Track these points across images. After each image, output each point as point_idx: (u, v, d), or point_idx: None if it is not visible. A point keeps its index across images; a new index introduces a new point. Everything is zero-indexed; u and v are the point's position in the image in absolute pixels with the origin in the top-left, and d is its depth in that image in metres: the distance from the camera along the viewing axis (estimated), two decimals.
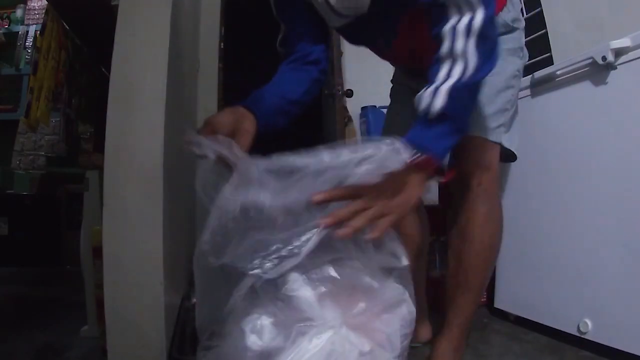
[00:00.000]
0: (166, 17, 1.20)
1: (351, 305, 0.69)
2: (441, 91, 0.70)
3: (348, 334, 0.66)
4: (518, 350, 1.13)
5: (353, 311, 0.69)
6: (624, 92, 1.04)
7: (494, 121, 0.99)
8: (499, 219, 0.99)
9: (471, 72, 0.71)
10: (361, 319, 0.69)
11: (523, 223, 1.33)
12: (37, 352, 1.05)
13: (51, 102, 2.02)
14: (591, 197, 1.11)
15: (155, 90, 1.17)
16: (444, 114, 0.70)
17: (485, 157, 0.98)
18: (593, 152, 1.11)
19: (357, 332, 0.67)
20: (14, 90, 3.21)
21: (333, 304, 0.68)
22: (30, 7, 3.35)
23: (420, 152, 0.68)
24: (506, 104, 1.00)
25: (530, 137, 1.29)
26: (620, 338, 1.01)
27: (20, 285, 2.12)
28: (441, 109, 0.69)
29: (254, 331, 0.67)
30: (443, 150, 0.72)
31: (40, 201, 2.77)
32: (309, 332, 0.65)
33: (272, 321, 0.68)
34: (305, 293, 0.67)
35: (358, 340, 0.66)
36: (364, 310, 0.70)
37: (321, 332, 0.65)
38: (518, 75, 1.03)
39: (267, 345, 0.66)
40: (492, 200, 0.98)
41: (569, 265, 1.16)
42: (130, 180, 1.11)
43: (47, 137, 2.95)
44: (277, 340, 0.66)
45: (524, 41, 1.05)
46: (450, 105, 0.70)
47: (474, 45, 0.72)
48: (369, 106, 3.28)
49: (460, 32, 0.73)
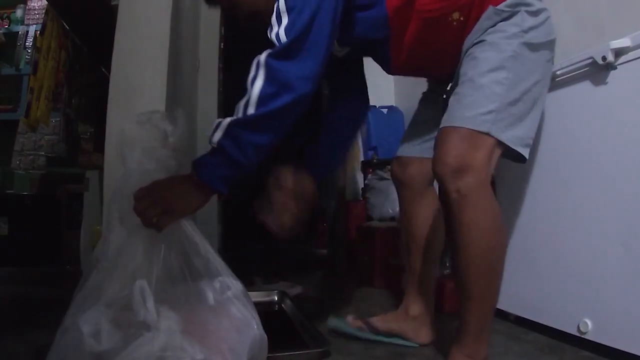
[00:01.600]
0: (166, 17, 1.21)
1: (192, 318, 0.76)
2: (222, 125, 0.81)
3: (182, 342, 0.70)
4: (518, 350, 1.13)
5: (192, 322, 0.76)
6: (624, 92, 1.03)
7: (476, 106, 0.88)
8: (490, 224, 0.88)
9: (251, 110, 0.80)
10: (199, 330, 0.75)
11: (523, 223, 1.33)
12: (37, 352, 1.05)
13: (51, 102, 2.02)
14: (591, 197, 1.11)
15: (155, 90, 1.17)
16: (220, 147, 0.81)
17: (462, 153, 0.86)
18: (593, 152, 1.11)
19: (192, 341, 0.72)
20: (14, 90, 3.21)
21: (171, 313, 0.74)
22: (30, 7, 3.34)
23: (197, 175, 0.82)
24: (495, 86, 0.88)
25: None
26: (620, 338, 1.01)
27: (20, 285, 2.12)
28: (217, 142, 0.81)
29: (92, 333, 0.71)
30: (216, 179, 0.82)
31: (40, 201, 2.76)
32: (143, 336, 0.69)
33: (110, 323, 0.72)
34: (146, 300, 0.73)
35: (192, 348, 0.70)
36: (205, 324, 0.77)
37: (155, 338, 0.69)
38: (515, 56, 0.90)
39: (103, 348, 0.69)
40: (477, 207, 0.86)
41: (568, 265, 1.16)
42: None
43: (47, 137, 2.94)
44: (113, 342, 0.70)
45: (530, 22, 0.92)
46: (224, 140, 0.81)
47: (261, 82, 0.81)
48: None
49: (255, 66, 0.83)
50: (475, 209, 0.86)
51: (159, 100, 1.16)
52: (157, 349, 0.68)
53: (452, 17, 0.96)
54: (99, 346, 0.69)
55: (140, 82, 1.16)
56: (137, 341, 0.68)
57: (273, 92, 0.80)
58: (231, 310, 0.80)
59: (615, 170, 1.05)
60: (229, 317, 0.80)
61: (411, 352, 1.14)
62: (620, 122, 1.04)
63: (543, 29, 0.95)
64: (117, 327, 0.71)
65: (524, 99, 0.91)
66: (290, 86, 0.80)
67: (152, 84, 1.17)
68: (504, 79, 0.89)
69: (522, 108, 0.91)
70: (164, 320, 0.72)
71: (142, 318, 0.71)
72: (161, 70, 1.18)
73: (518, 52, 0.90)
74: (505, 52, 0.90)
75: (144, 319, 0.71)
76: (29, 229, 2.67)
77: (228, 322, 0.79)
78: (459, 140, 0.87)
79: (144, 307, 0.72)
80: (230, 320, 0.79)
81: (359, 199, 3.12)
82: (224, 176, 0.82)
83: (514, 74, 0.90)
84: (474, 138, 0.87)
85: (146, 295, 0.73)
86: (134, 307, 0.72)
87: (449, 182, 0.86)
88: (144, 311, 0.71)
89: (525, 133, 0.93)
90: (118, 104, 1.14)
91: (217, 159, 0.82)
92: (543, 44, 0.95)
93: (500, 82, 0.89)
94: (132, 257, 0.79)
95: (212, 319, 0.78)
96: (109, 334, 0.70)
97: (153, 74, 1.17)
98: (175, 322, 0.72)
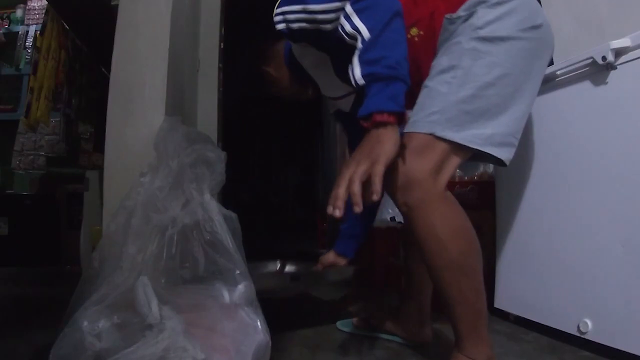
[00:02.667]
0: (166, 17, 1.21)
1: (202, 316, 0.78)
2: (353, 63, 0.79)
3: (185, 342, 0.71)
4: (518, 350, 1.13)
5: (201, 320, 0.77)
6: (624, 92, 1.04)
7: (420, 109, 0.87)
8: (449, 232, 0.82)
9: (366, 35, 0.79)
10: (208, 329, 0.76)
11: (522, 223, 1.33)
12: (37, 352, 1.05)
13: (51, 102, 2.02)
14: (591, 197, 1.11)
15: (155, 90, 1.17)
16: (366, 76, 0.77)
17: (405, 169, 0.82)
18: (593, 152, 1.11)
19: (195, 341, 0.72)
20: (14, 90, 3.21)
21: (175, 314, 0.74)
22: (30, 7, 3.35)
23: (369, 115, 0.76)
24: (440, 86, 0.86)
25: (529, 137, 1.29)
26: (620, 338, 1.01)
27: (20, 285, 2.12)
28: (360, 75, 0.78)
29: (92, 331, 0.72)
30: (385, 101, 0.76)
31: (40, 201, 2.77)
32: (146, 335, 0.70)
33: (111, 322, 0.73)
34: (150, 300, 0.74)
35: (193, 347, 0.71)
36: (215, 323, 0.78)
37: (157, 338, 0.70)
38: (467, 54, 0.86)
39: (104, 346, 0.70)
40: (430, 218, 0.82)
41: (568, 265, 1.16)
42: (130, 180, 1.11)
43: (47, 137, 2.95)
44: (113, 341, 0.71)
45: (489, 16, 0.87)
46: (363, 69, 0.78)
47: (358, 18, 0.80)
48: None
49: (347, 14, 0.82)
50: (427, 220, 0.82)
51: (159, 100, 1.16)
52: (160, 349, 0.68)
53: (411, 34, 0.95)
54: (99, 344, 0.69)
55: (140, 82, 1.16)
56: (140, 341, 0.69)
57: (374, 15, 0.80)
58: (241, 313, 0.81)
59: (615, 170, 1.05)
60: (238, 320, 0.81)
61: (411, 352, 1.14)
62: (620, 122, 1.04)
63: (510, 19, 0.88)
64: (119, 326, 0.72)
65: (485, 94, 0.85)
66: (382, 4, 0.80)
67: (152, 84, 1.17)
68: (451, 77, 0.85)
69: (483, 104, 0.85)
70: (167, 320, 0.72)
71: (146, 318, 0.71)
72: (161, 70, 1.18)
73: (471, 49, 0.86)
74: (455, 53, 0.87)
75: (147, 319, 0.71)
76: (29, 229, 2.67)
77: (236, 325, 0.80)
78: (406, 150, 0.83)
79: (147, 307, 0.72)
80: (238, 323, 0.80)
81: None
82: (390, 95, 0.76)
83: (464, 71, 0.85)
84: (419, 142, 0.84)
85: (150, 296, 0.73)
86: (137, 308, 0.73)
87: (397, 198, 0.84)
88: (147, 311, 0.72)
89: (498, 130, 0.85)
90: (118, 104, 1.14)
91: (371, 89, 0.77)
92: (512, 35, 0.87)
93: (447, 82, 0.85)
94: (134, 257, 0.79)
95: (223, 320, 0.79)
96: (109, 333, 0.70)
97: (153, 74, 1.17)
98: (178, 322, 0.72)
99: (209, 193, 0.90)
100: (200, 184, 0.90)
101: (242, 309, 0.82)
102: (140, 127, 1.14)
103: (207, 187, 0.91)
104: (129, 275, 0.79)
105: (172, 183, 0.91)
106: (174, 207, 0.87)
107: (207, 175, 0.92)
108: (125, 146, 1.12)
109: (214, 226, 0.85)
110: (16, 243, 2.63)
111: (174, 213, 0.86)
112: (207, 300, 0.80)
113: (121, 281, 0.79)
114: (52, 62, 1.93)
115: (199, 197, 0.88)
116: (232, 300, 0.82)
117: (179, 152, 0.94)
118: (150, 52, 1.18)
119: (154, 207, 0.88)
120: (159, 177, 0.91)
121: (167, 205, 0.88)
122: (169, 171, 0.91)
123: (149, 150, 1.12)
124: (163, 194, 0.89)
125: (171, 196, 0.90)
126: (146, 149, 1.13)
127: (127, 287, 0.77)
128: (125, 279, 0.78)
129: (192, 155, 0.93)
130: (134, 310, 0.73)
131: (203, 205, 0.87)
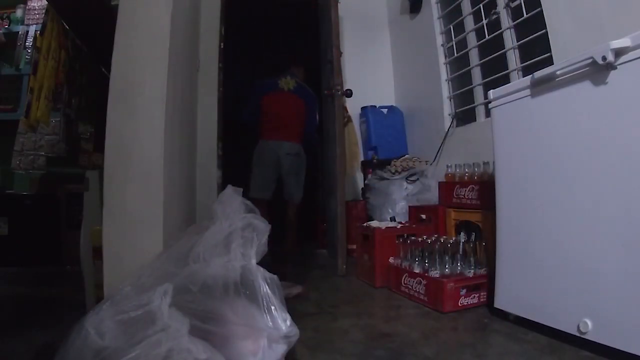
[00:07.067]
0: (166, 17, 1.20)
1: (205, 325, 0.80)
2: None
3: (188, 343, 0.73)
4: (518, 350, 1.13)
5: (204, 328, 0.79)
6: (624, 92, 1.03)
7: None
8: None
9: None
10: (211, 337, 0.79)
11: (523, 223, 1.33)
12: (37, 352, 1.05)
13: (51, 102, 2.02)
14: (591, 197, 1.11)
15: (155, 90, 1.17)
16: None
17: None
18: (593, 152, 1.11)
19: (199, 344, 0.74)
20: (14, 90, 3.21)
21: (182, 316, 0.76)
22: (30, 7, 3.35)
23: None
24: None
25: (530, 136, 1.29)
26: (620, 338, 1.01)
27: (20, 285, 2.12)
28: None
29: (96, 330, 0.73)
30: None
31: (40, 201, 2.77)
32: (152, 336, 0.71)
33: (115, 322, 0.74)
34: (159, 303, 0.76)
35: (195, 348, 0.73)
36: (220, 331, 0.81)
37: (162, 338, 0.71)
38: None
39: (107, 345, 0.71)
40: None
41: (568, 266, 1.16)
42: (130, 180, 1.11)
43: (47, 137, 2.94)
44: (115, 339, 0.72)
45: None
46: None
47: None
48: (368, 106, 3.29)
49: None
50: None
51: (159, 100, 1.16)
52: (164, 351, 0.69)
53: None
54: (102, 342, 0.70)
55: (140, 82, 1.16)
56: (145, 342, 0.69)
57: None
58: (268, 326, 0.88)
59: (615, 170, 1.05)
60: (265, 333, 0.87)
61: (411, 352, 1.14)
62: (620, 122, 1.04)
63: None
64: (123, 326, 0.72)
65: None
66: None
67: (152, 84, 1.17)
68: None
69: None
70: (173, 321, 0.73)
71: (153, 320, 0.72)
72: (161, 70, 1.18)
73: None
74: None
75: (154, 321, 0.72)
76: (29, 229, 2.67)
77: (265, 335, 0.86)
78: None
79: (159, 310, 0.73)
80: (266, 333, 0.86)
81: (359, 199, 3.12)
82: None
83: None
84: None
85: (164, 299, 0.75)
86: (149, 309, 0.74)
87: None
88: (158, 313, 0.73)
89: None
90: (118, 104, 1.14)
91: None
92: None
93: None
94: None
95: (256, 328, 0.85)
96: (112, 332, 0.71)
97: (153, 74, 1.17)
98: (182, 324, 0.73)
99: (254, 258, 0.97)
100: (247, 249, 0.97)
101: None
102: (140, 127, 1.14)
103: (253, 253, 0.98)
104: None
105: (220, 241, 0.98)
106: (216, 262, 0.94)
107: (255, 241, 0.99)
108: (125, 146, 1.12)
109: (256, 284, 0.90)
110: (16, 243, 2.63)
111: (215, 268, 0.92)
112: (248, 315, 0.87)
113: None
114: (52, 62, 1.93)
115: (242, 259, 0.95)
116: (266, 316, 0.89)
117: (234, 216, 1.02)
118: (150, 52, 1.18)
119: (196, 256, 0.95)
120: (210, 233, 0.99)
121: (208, 258, 0.95)
122: (220, 229, 0.99)
123: (150, 151, 1.12)
124: (207, 249, 0.96)
125: (215, 253, 0.96)
126: (146, 149, 1.13)
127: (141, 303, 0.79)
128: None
129: (244, 221, 1.02)
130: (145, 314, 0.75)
131: (246, 267, 0.94)
